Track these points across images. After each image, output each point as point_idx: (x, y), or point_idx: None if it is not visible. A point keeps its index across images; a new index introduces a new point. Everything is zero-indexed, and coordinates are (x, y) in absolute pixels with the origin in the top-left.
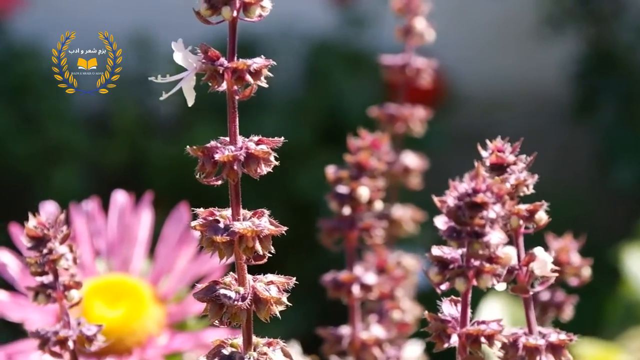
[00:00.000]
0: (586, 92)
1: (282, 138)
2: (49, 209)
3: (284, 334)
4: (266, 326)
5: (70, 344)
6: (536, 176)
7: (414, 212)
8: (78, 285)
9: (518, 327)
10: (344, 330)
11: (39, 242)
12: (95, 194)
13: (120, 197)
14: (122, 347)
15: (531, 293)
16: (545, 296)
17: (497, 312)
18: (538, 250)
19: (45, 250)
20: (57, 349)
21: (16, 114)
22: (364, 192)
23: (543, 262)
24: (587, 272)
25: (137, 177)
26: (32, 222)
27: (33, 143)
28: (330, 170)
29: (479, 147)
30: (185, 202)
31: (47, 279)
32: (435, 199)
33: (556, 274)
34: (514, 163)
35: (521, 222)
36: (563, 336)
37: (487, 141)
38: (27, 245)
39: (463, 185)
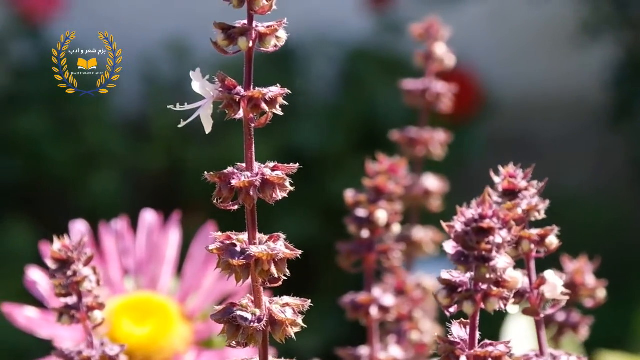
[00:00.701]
0: (623, 98)
1: (316, 145)
2: (79, 227)
3: (325, 340)
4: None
5: None
6: (547, 201)
7: (434, 234)
8: (101, 306)
9: (531, 349)
10: (363, 350)
11: (63, 264)
12: (133, 200)
13: (149, 216)
14: None
15: (542, 315)
16: (561, 317)
17: (522, 332)
18: (548, 274)
19: (69, 273)
20: None
21: (55, 119)
22: (381, 215)
23: (553, 285)
24: (602, 293)
25: (175, 183)
26: (56, 245)
27: (71, 148)
28: (349, 194)
29: (492, 173)
30: (212, 221)
31: (71, 300)
32: (444, 225)
33: (567, 297)
34: (526, 189)
35: (532, 246)
36: (574, 358)
37: (500, 167)
38: (52, 267)
39: (470, 211)
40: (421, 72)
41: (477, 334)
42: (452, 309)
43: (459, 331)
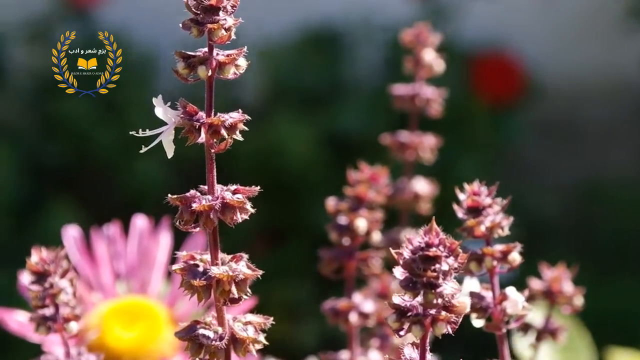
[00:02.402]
0: None
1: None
2: (70, 233)
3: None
4: None
5: None
6: (511, 218)
7: None
8: (77, 317)
9: None
10: (343, 355)
11: (40, 276)
12: (175, 183)
13: (139, 222)
14: None
15: (504, 330)
16: (539, 323)
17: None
18: (510, 290)
19: (46, 285)
20: None
21: (101, 103)
22: (361, 224)
23: (515, 301)
24: (579, 301)
25: (218, 167)
26: (34, 257)
27: (116, 131)
28: (331, 203)
29: (457, 190)
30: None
31: (49, 311)
32: (393, 252)
33: (528, 312)
34: (490, 206)
35: (495, 262)
36: None
37: (465, 184)
38: (29, 279)
39: (417, 239)
40: (462, 58)
41: (428, 356)
42: (402, 332)
43: (411, 352)
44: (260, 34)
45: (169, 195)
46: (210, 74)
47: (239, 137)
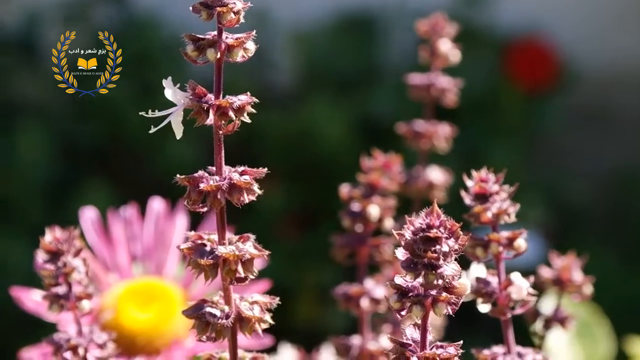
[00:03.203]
0: None
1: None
2: (88, 215)
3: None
4: None
5: (81, 351)
6: (518, 205)
7: None
8: (89, 296)
9: (500, 346)
10: (354, 340)
11: (53, 255)
12: (206, 165)
13: (156, 204)
14: (151, 348)
15: (509, 315)
16: (548, 311)
17: (561, 341)
18: (515, 276)
19: (59, 263)
20: (69, 355)
21: (135, 84)
22: (374, 210)
23: (519, 287)
24: (588, 289)
25: (252, 150)
26: (47, 237)
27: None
28: (344, 189)
29: (465, 177)
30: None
31: (61, 289)
32: (395, 232)
33: (534, 298)
34: (497, 193)
35: (500, 248)
36: (539, 357)
37: (473, 171)
38: (43, 258)
39: (418, 221)
40: (496, 44)
41: (429, 336)
42: (403, 313)
43: (412, 333)
44: (295, 19)
45: (178, 175)
46: (218, 56)
47: (246, 119)
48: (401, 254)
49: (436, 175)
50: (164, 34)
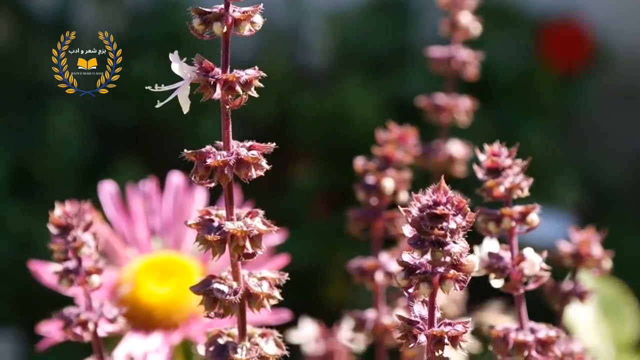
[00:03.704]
0: None
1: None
2: (107, 189)
3: None
4: None
5: (91, 326)
6: (531, 180)
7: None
8: (99, 270)
9: (512, 322)
10: (369, 314)
11: (63, 230)
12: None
13: (175, 179)
14: (169, 322)
15: (522, 291)
16: (568, 286)
17: (586, 317)
18: (527, 251)
19: (69, 238)
20: (79, 330)
21: (168, 64)
22: (388, 184)
23: (532, 262)
24: (607, 264)
25: (286, 130)
26: (57, 211)
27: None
28: (359, 162)
29: (477, 151)
30: (236, 185)
31: (71, 264)
32: (401, 209)
33: (547, 273)
34: (510, 167)
35: (513, 223)
36: (552, 333)
37: (486, 145)
38: (53, 232)
39: (425, 197)
40: (530, 25)
41: (437, 313)
42: (410, 290)
43: (420, 310)
44: (329, 0)
45: (185, 150)
46: (225, 30)
47: (254, 93)
48: (408, 230)
49: (456, 148)
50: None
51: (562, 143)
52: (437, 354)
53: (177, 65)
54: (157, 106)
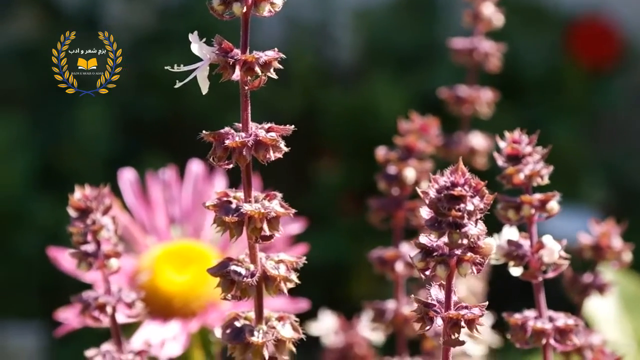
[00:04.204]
0: None
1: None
2: (126, 176)
3: None
4: None
5: (109, 309)
6: (551, 167)
7: None
8: (118, 254)
9: (532, 310)
10: (389, 304)
11: (82, 213)
12: None
13: (195, 167)
14: (187, 310)
15: (540, 279)
16: (588, 278)
17: (608, 309)
18: (546, 239)
19: (88, 221)
20: (97, 313)
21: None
22: (409, 174)
23: (551, 250)
24: (627, 256)
25: (312, 126)
26: (77, 194)
27: (211, 86)
28: (381, 152)
29: (497, 138)
30: (256, 173)
31: (90, 247)
32: (419, 190)
33: (566, 262)
34: (530, 154)
35: (533, 210)
36: (571, 321)
37: (506, 132)
38: (72, 215)
39: (443, 179)
40: (559, 23)
41: (454, 297)
42: (427, 272)
43: (437, 293)
44: None
45: (203, 131)
46: (245, 10)
47: (273, 74)
48: (426, 212)
49: (478, 140)
50: None
51: (589, 141)
52: (453, 337)
53: (197, 46)
54: (176, 86)
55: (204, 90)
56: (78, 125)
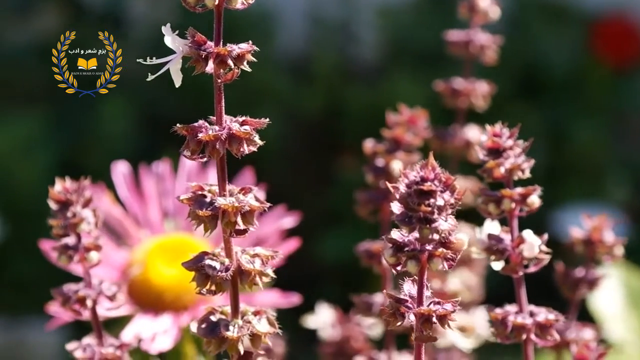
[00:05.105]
0: None
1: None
2: (120, 169)
3: None
4: None
5: (89, 302)
6: (533, 161)
7: (473, 184)
8: (98, 247)
9: (513, 305)
10: (377, 298)
11: (62, 206)
12: (290, 138)
13: (188, 161)
14: (179, 304)
15: (521, 273)
16: (580, 273)
17: (610, 302)
18: (527, 233)
19: (68, 214)
20: (77, 307)
21: None
22: (397, 166)
23: (531, 244)
24: (619, 251)
25: (335, 124)
26: (57, 186)
27: (235, 86)
28: (369, 145)
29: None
30: (250, 167)
31: (70, 240)
32: (389, 185)
33: (547, 256)
34: (511, 148)
35: (513, 205)
36: (551, 316)
37: (487, 126)
38: (53, 208)
39: (413, 174)
40: (583, 22)
41: (426, 292)
42: (399, 268)
43: (410, 288)
44: None
45: (178, 124)
46: (217, 2)
47: (246, 67)
48: (397, 207)
49: (473, 133)
50: (247, 9)
51: (613, 140)
52: (425, 332)
53: (170, 39)
54: (148, 79)
55: (177, 83)
56: (100, 122)
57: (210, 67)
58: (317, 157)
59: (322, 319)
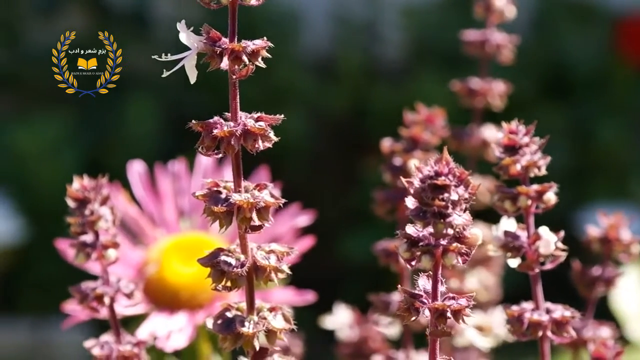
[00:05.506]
0: None
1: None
2: (135, 168)
3: None
4: None
5: (107, 300)
6: (549, 158)
7: (490, 183)
8: (116, 245)
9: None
10: (394, 297)
11: (80, 203)
12: (316, 137)
13: (204, 159)
14: (194, 302)
15: (537, 270)
16: (596, 271)
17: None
18: (543, 230)
19: (86, 212)
20: (95, 304)
21: None
22: (414, 165)
23: (547, 241)
24: (636, 248)
25: (360, 124)
26: (75, 184)
27: (260, 85)
28: (386, 144)
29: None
30: (270, 165)
31: (88, 238)
32: (403, 180)
33: (564, 253)
34: (527, 145)
35: (529, 202)
36: (568, 313)
37: (503, 123)
38: (70, 206)
39: (427, 168)
40: (608, 21)
41: (441, 287)
42: (413, 263)
43: (425, 283)
44: None
45: (193, 121)
46: None
47: (261, 64)
48: (411, 202)
49: (490, 133)
50: (271, 8)
51: (638, 139)
52: (439, 327)
53: (185, 35)
54: (163, 76)
55: (192, 79)
56: (126, 122)
57: (225, 63)
58: (342, 157)
59: (340, 320)
